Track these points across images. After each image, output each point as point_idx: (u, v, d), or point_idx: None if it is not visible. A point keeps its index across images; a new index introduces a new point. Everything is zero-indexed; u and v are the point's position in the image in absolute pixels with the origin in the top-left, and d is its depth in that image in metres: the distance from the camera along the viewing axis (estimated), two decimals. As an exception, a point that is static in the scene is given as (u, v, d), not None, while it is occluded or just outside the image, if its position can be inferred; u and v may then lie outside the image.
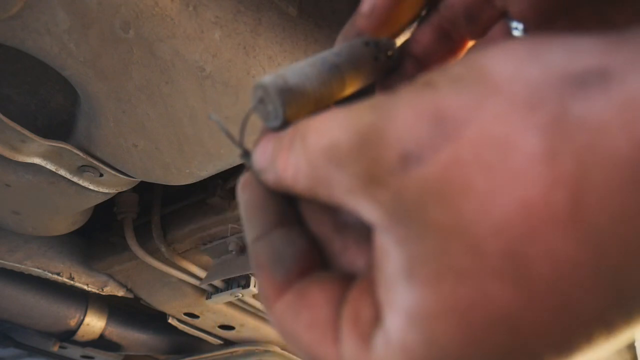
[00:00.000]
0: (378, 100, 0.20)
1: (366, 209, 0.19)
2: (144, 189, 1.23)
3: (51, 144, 0.85)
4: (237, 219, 1.20)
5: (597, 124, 0.15)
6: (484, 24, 0.29)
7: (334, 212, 0.26)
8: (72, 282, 1.42)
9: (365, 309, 0.21)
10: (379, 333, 0.19)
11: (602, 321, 0.16)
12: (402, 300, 0.18)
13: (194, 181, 0.95)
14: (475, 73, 0.18)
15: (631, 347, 1.65)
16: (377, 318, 0.20)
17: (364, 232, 0.25)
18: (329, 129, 0.21)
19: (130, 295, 1.52)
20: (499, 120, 0.17)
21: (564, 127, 0.16)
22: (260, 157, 0.25)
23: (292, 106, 0.25)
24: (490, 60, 0.18)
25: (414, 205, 0.17)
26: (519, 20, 0.28)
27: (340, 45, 0.28)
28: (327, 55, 0.27)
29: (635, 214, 0.15)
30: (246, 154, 0.27)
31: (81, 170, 0.92)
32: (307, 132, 0.21)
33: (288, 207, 0.26)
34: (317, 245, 0.26)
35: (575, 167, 0.15)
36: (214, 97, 0.76)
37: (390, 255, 0.19)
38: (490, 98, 0.17)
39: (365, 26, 0.29)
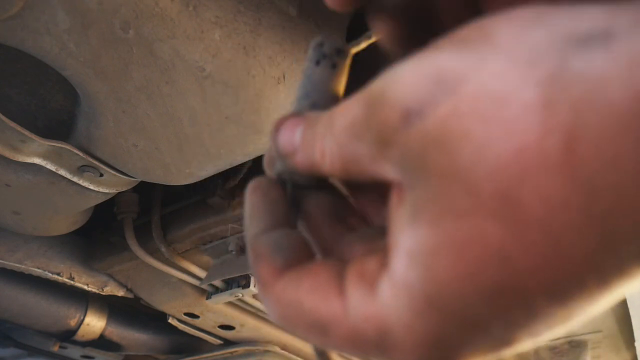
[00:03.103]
0: (388, 70, 0.21)
1: (387, 172, 0.21)
2: (144, 189, 1.22)
3: (51, 144, 0.85)
4: (237, 219, 1.20)
5: (596, 77, 0.16)
6: None
7: (338, 219, 0.28)
8: (72, 282, 1.42)
9: (371, 263, 0.22)
10: (385, 278, 0.21)
11: (593, 267, 0.17)
12: (406, 241, 0.20)
13: (194, 181, 0.95)
14: (480, 35, 0.19)
15: (631, 346, 1.65)
16: (383, 266, 0.21)
17: (369, 235, 0.26)
18: (349, 108, 0.22)
19: (130, 295, 1.52)
20: (498, 76, 0.18)
21: (562, 80, 0.16)
22: (286, 141, 0.26)
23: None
24: (496, 23, 0.19)
25: (417, 155, 0.19)
26: None
27: (302, 84, 0.29)
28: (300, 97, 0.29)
29: (627, 161, 0.15)
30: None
31: (81, 170, 0.92)
32: (334, 117, 0.23)
33: (292, 213, 0.28)
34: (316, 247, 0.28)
35: (570, 116, 0.16)
36: (214, 97, 0.76)
37: (401, 205, 0.20)
38: (491, 56, 0.18)
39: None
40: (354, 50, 0.30)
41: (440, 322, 0.19)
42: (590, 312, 0.19)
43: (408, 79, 0.20)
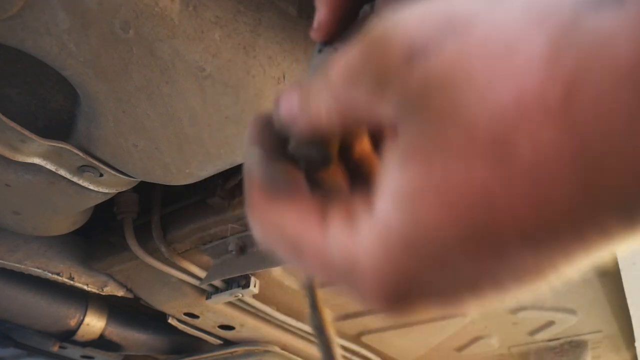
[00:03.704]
0: (389, 15, 0.21)
1: (384, 114, 0.20)
2: (144, 189, 1.22)
3: (51, 144, 0.85)
4: (237, 219, 1.20)
5: (606, 33, 0.16)
6: None
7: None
8: (72, 282, 1.42)
9: (357, 202, 0.22)
10: (367, 217, 0.21)
11: (573, 219, 0.17)
12: (393, 182, 0.20)
13: (194, 181, 0.95)
14: None
15: (631, 346, 1.65)
16: (367, 206, 0.22)
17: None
18: (345, 55, 0.22)
19: (130, 295, 1.52)
20: (510, 24, 0.18)
21: (572, 34, 0.17)
22: (287, 110, 0.26)
23: None
24: None
25: (418, 94, 0.19)
26: None
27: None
28: None
29: (622, 116, 0.16)
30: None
31: (81, 170, 0.92)
32: (330, 69, 0.23)
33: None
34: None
35: (574, 67, 0.16)
36: (214, 97, 0.76)
37: (394, 148, 0.20)
38: (505, 4, 0.18)
39: (317, 38, 0.31)
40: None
41: (410, 263, 0.20)
42: (560, 272, 0.19)
43: (416, 18, 0.20)
